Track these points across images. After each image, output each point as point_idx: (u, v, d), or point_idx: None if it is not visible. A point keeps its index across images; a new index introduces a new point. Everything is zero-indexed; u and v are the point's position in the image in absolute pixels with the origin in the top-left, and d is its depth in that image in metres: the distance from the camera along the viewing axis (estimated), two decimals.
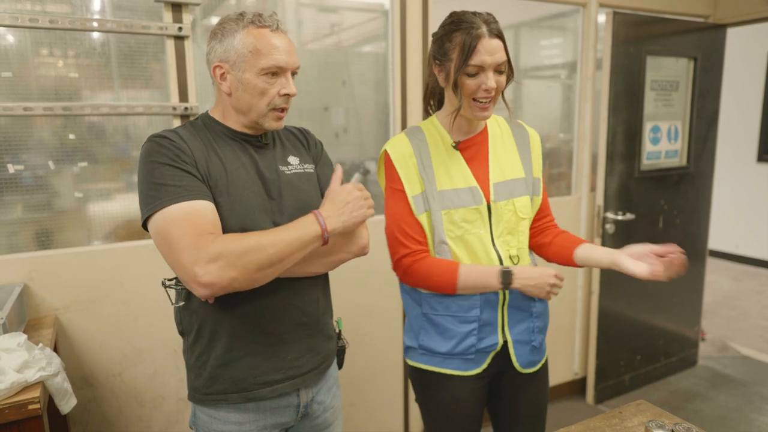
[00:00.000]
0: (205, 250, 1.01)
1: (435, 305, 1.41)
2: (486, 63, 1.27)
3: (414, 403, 2.57)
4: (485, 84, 1.29)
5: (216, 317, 1.17)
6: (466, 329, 1.39)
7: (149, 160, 1.10)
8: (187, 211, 1.05)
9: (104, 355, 1.91)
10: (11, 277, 1.76)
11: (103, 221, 1.91)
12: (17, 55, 1.74)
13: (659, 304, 3.18)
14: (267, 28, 1.14)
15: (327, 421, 1.34)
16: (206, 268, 1.01)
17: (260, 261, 1.05)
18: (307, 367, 1.25)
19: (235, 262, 1.02)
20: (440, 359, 1.43)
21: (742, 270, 5.67)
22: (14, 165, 1.76)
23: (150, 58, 1.91)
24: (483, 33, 1.27)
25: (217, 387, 1.19)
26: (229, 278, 1.02)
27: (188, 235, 1.02)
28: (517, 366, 1.45)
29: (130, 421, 1.98)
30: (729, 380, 3.26)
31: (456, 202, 1.37)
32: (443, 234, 1.37)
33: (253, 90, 1.15)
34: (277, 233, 1.09)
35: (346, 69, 2.29)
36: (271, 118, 1.19)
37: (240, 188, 1.15)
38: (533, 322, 1.45)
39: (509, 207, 1.40)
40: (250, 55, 1.12)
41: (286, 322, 1.21)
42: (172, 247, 1.03)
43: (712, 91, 3.21)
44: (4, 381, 1.23)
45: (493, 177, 1.40)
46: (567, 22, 2.80)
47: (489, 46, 1.27)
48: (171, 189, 1.06)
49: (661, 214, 3.08)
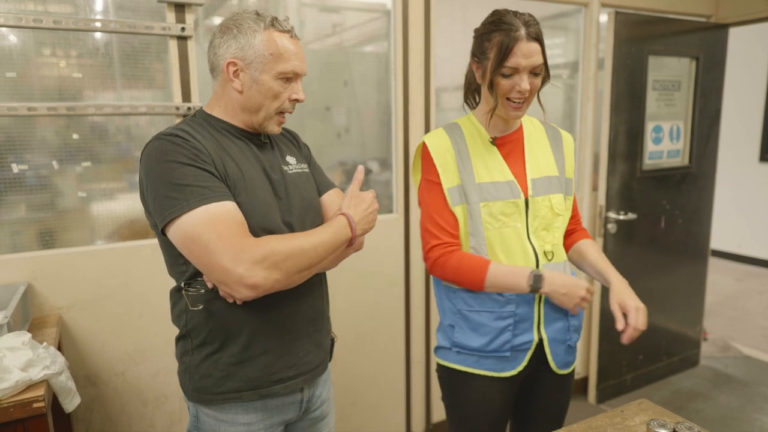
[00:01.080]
0: (249, 253, 1.01)
1: (470, 301, 1.41)
2: (521, 66, 1.29)
3: (415, 402, 2.57)
4: (519, 86, 1.31)
5: (236, 318, 1.16)
6: (502, 325, 1.39)
7: (166, 159, 1.06)
8: (217, 213, 1.03)
9: (107, 354, 1.92)
10: (15, 276, 1.77)
11: (107, 221, 1.92)
12: (21, 55, 1.74)
13: (661, 304, 3.18)
14: (287, 34, 1.15)
15: (323, 413, 1.36)
16: (252, 270, 1.01)
17: (302, 264, 1.08)
18: (314, 362, 1.27)
19: (280, 265, 1.04)
20: (475, 359, 1.42)
21: (744, 270, 5.66)
22: (18, 165, 1.77)
23: (153, 58, 1.92)
24: (521, 36, 1.28)
25: (230, 385, 1.18)
26: (274, 280, 1.04)
27: (227, 237, 1.01)
28: (554, 366, 1.44)
29: (133, 419, 1.99)
30: (731, 380, 3.26)
31: (495, 194, 1.38)
32: (481, 226, 1.38)
33: (268, 91, 1.15)
34: (316, 236, 1.12)
35: (348, 69, 2.30)
36: (275, 122, 1.20)
37: (255, 188, 1.15)
38: (569, 320, 1.44)
39: (546, 203, 1.41)
40: (270, 57, 1.13)
41: (299, 319, 1.22)
42: (208, 250, 1.01)
43: (714, 90, 3.21)
44: (9, 379, 1.24)
45: (530, 173, 1.42)
46: (569, 21, 2.80)
47: (526, 49, 1.28)
48: (196, 190, 1.04)
49: (663, 213, 3.08)
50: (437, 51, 2.38)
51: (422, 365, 2.56)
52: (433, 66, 2.36)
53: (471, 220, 1.39)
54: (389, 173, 2.42)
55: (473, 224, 1.39)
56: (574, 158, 1.52)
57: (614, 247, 2.91)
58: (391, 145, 2.40)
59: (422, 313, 2.52)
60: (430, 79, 2.36)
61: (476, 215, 1.38)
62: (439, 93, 2.45)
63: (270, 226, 1.14)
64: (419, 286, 2.49)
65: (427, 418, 2.62)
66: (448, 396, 1.52)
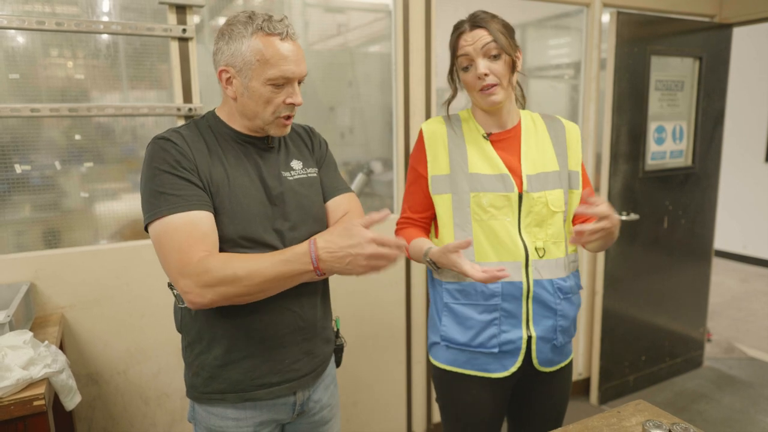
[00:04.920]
0: (190, 269, 1.04)
1: (455, 294, 1.42)
2: (469, 52, 1.34)
3: (416, 402, 2.58)
4: (477, 70, 1.34)
5: (215, 321, 1.17)
6: (487, 318, 1.39)
7: (151, 165, 1.11)
8: (182, 223, 1.07)
9: (109, 352, 1.93)
10: (18, 275, 1.78)
11: (109, 221, 1.94)
12: (24, 57, 1.76)
13: (664, 304, 3.17)
14: (276, 36, 1.10)
15: (324, 419, 1.35)
16: (190, 286, 1.05)
17: (238, 291, 1.05)
18: (304, 370, 1.26)
19: (214, 288, 1.04)
20: (465, 359, 1.42)
21: (750, 271, 5.63)
22: (22, 165, 1.79)
23: (155, 59, 1.93)
24: (465, 29, 1.36)
25: (215, 387, 1.20)
26: (209, 300, 1.06)
27: (177, 249, 1.05)
28: (536, 364, 1.43)
29: (134, 418, 2.01)
30: (735, 382, 3.25)
31: (486, 186, 1.39)
32: (469, 216, 1.39)
33: (259, 98, 1.13)
34: (266, 261, 1.06)
35: (352, 69, 2.30)
36: (276, 126, 1.18)
37: (241, 195, 1.14)
38: (557, 320, 1.43)
39: (541, 199, 1.40)
40: (258, 64, 1.09)
41: (283, 327, 1.20)
42: (164, 256, 1.08)
43: (717, 90, 3.20)
44: (10, 377, 1.25)
45: (525, 168, 1.42)
46: (571, 22, 2.80)
47: (469, 37, 1.34)
48: (169, 198, 1.08)
49: (666, 214, 3.07)
50: (438, 51, 2.38)
51: (423, 365, 2.57)
52: (434, 66, 2.37)
53: (457, 210, 1.40)
54: (392, 173, 2.42)
55: (460, 215, 1.40)
56: (580, 149, 1.50)
57: (616, 248, 2.90)
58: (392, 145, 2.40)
59: (423, 312, 2.52)
60: (431, 79, 2.37)
61: (464, 205, 1.39)
62: (440, 93, 2.45)
63: (253, 235, 1.14)
64: (420, 286, 2.49)
65: (428, 418, 2.62)
66: (441, 396, 1.52)
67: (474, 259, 1.39)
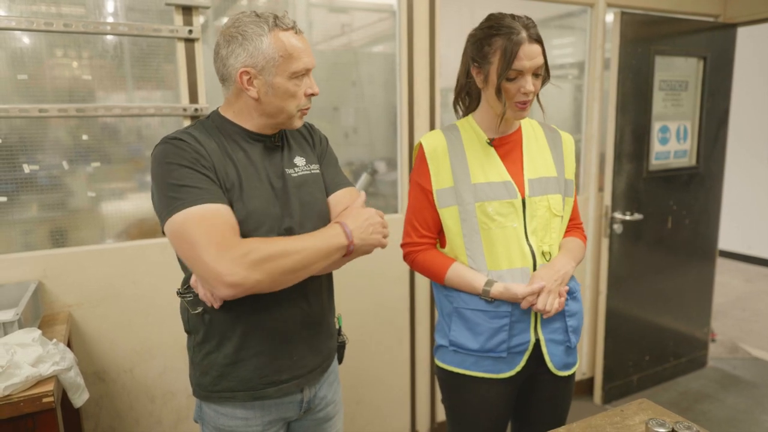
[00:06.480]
0: (231, 251, 1.02)
1: (466, 299, 1.42)
2: (525, 68, 1.31)
3: (420, 401, 2.58)
4: (524, 88, 1.32)
5: (227, 319, 1.18)
6: (497, 325, 1.39)
7: (167, 161, 1.09)
8: (209, 213, 1.05)
9: (116, 351, 1.95)
10: (27, 274, 1.80)
11: (116, 220, 1.95)
12: (32, 57, 1.78)
13: (668, 304, 3.17)
14: (291, 31, 1.14)
15: (329, 415, 1.37)
16: (232, 268, 1.01)
17: (285, 266, 1.06)
18: (311, 366, 1.27)
19: (262, 265, 1.03)
20: (472, 360, 1.43)
21: (754, 271, 5.61)
22: (30, 165, 1.81)
23: (161, 60, 1.95)
24: (523, 39, 1.30)
25: (225, 385, 1.21)
26: (255, 280, 1.03)
27: (212, 234, 1.02)
28: (552, 367, 1.43)
29: (141, 416, 2.02)
30: (739, 382, 3.24)
31: (490, 194, 1.39)
32: (477, 226, 1.39)
33: (285, 93, 1.15)
34: (304, 240, 1.11)
35: (356, 69, 2.31)
36: (299, 118, 1.22)
37: (252, 197, 1.15)
38: (566, 321, 1.44)
39: (543, 203, 1.41)
40: (281, 59, 1.11)
41: (292, 323, 1.22)
42: (194, 246, 1.02)
43: (722, 90, 3.19)
44: (19, 375, 1.27)
45: (528, 173, 1.42)
46: (575, 21, 2.80)
47: (529, 51, 1.30)
48: (192, 190, 1.06)
49: (670, 214, 3.07)
50: (442, 51, 2.39)
51: (427, 364, 2.57)
52: (438, 66, 2.37)
53: (464, 221, 1.40)
54: (396, 173, 2.43)
55: (467, 226, 1.40)
56: (574, 159, 1.52)
57: (620, 248, 2.90)
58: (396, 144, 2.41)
59: (427, 312, 2.53)
60: (435, 79, 2.38)
61: (471, 216, 1.39)
62: (444, 93, 2.45)
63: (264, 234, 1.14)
64: (424, 286, 2.50)
65: (432, 418, 2.63)
66: (447, 398, 1.53)
67: (486, 268, 1.41)
